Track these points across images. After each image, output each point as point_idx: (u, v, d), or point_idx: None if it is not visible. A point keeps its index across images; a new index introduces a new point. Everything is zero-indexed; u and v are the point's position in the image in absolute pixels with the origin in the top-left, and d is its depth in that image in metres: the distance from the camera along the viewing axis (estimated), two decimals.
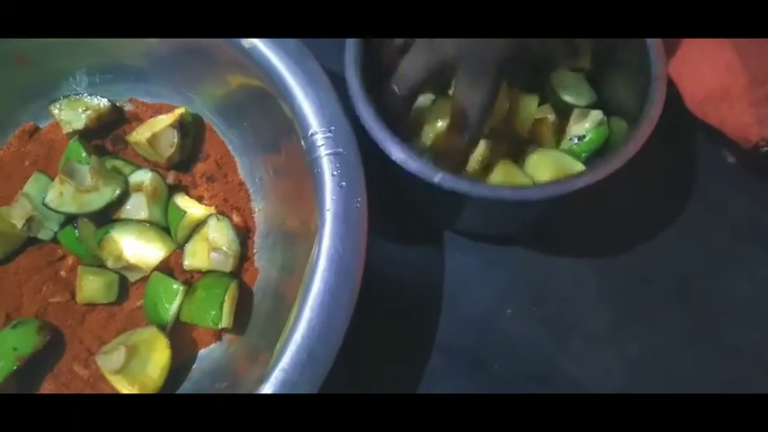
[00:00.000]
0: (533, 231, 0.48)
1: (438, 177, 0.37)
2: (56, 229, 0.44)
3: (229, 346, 0.42)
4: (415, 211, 0.48)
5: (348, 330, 0.35)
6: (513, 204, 0.39)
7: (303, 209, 0.41)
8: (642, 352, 0.46)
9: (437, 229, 0.48)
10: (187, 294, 0.41)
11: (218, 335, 0.43)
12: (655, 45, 0.40)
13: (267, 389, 0.34)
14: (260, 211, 0.45)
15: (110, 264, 0.43)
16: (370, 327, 0.41)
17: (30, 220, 0.43)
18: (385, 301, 0.46)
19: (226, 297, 0.40)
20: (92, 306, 0.44)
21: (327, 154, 0.38)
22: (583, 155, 0.44)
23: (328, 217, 0.37)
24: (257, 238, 0.45)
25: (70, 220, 0.43)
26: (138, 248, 0.42)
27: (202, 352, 0.43)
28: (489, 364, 0.45)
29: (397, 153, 0.38)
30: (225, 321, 0.39)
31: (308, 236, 0.39)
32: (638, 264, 0.47)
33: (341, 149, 0.38)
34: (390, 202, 0.45)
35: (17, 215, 0.43)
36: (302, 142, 0.39)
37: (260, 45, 0.40)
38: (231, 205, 0.45)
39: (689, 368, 0.45)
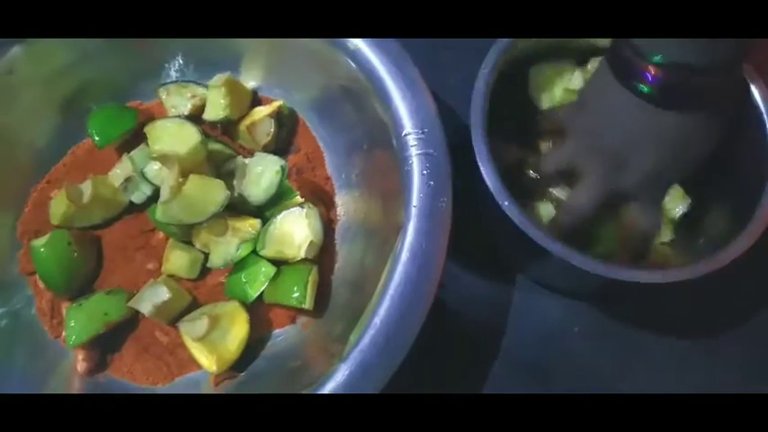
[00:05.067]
0: None
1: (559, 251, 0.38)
2: (149, 193, 0.46)
3: (303, 329, 0.44)
4: (493, 243, 0.49)
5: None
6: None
7: (386, 205, 0.43)
8: (706, 385, 0.45)
9: None
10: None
11: (293, 318, 0.45)
12: None
13: (345, 368, 0.35)
14: (343, 204, 0.47)
15: (198, 246, 0.45)
16: (437, 330, 0.42)
17: (127, 181, 0.46)
18: (453, 307, 0.47)
19: (309, 279, 0.42)
20: (176, 279, 0.46)
21: (419, 154, 0.40)
22: None
23: (414, 213, 0.39)
24: (338, 230, 0.47)
25: None
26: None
27: (277, 332, 0.44)
28: (551, 378, 0.45)
29: (533, 231, 0.38)
30: (308, 302, 0.41)
31: (390, 230, 0.40)
32: (710, 294, 0.47)
33: (432, 150, 0.40)
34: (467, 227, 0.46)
35: (118, 175, 0.46)
36: (394, 141, 0.41)
37: (364, 47, 0.43)
38: (317, 197, 0.47)
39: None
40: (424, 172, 0.40)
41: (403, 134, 0.41)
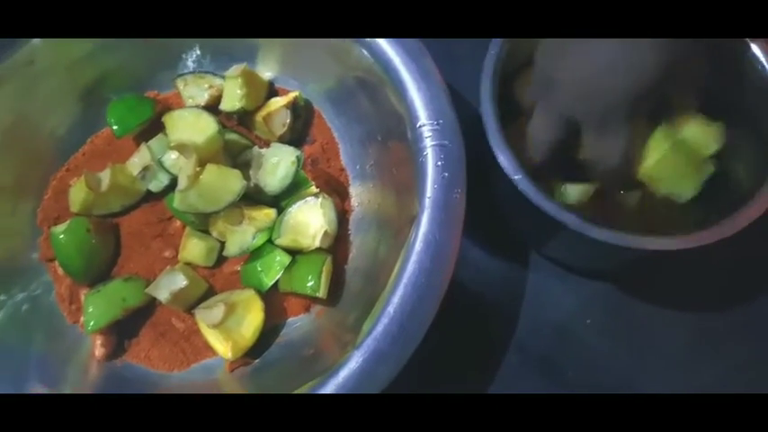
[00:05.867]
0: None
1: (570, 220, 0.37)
2: (166, 182, 0.47)
3: (317, 318, 0.45)
4: (507, 225, 0.49)
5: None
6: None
7: (400, 196, 0.43)
8: (715, 382, 0.45)
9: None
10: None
11: (307, 306, 0.45)
12: None
13: (358, 355, 0.36)
14: (357, 195, 0.48)
15: (214, 234, 0.46)
16: (448, 324, 0.42)
17: (145, 169, 0.47)
18: (465, 299, 0.47)
19: (323, 269, 0.42)
20: (192, 267, 0.47)
21: (433, 145, 0.40)
22: None
23: (428, 204, 0.39)
24: (352, 220, 0.47)
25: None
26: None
27: (291, 320, 0.45)
28: (563, 370, 0.45)
29: (538, 199, 0.38)
30: (322, 291, 0.42)
31: (404, 221, 0.41)
32: (722, 290, 0.47)
33: (446, 142, 0.40)
34: (482, 209, 0.47)
35: (136, 164, 0.47)
36: (409, 133, 0.41)
37: (380, 40, 0.43)
38: (331, 188, 0.47)
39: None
40: (439, 163, 0.40)
41: (417, 125, 0.41)
